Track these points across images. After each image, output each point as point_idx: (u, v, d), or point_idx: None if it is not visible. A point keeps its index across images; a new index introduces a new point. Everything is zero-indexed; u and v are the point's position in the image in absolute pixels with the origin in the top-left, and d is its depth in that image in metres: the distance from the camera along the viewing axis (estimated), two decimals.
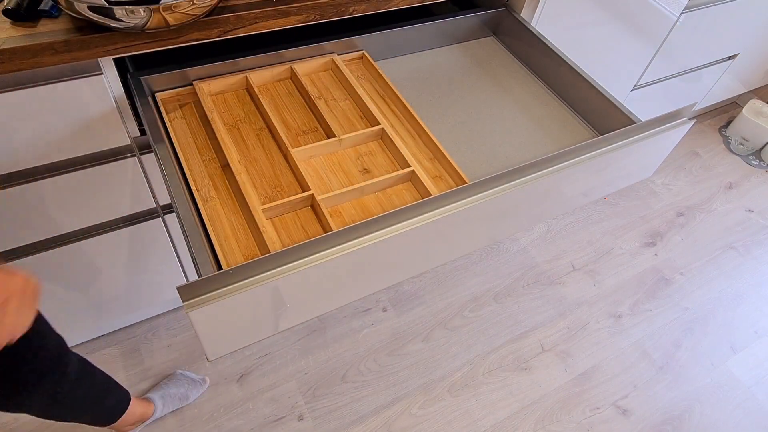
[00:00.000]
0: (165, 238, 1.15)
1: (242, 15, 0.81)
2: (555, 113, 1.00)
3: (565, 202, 0.87)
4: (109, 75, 0.82)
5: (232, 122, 0.90)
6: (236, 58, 0.93)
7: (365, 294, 0.74)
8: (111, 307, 1.25)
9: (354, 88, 0.94)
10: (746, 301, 1.69)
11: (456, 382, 1.41)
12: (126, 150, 0.93)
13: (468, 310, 1.55)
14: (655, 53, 1.54)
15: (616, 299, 1.64)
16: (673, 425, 1.40)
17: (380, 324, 1.49)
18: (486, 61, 1.10)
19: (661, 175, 2.04)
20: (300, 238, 0.74)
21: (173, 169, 0.76)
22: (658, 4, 1.37)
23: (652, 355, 1.52)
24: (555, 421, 1.37)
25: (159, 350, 1.37)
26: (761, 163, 2.16)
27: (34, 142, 0.83)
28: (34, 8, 0.72)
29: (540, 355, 1.48)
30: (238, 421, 1.28)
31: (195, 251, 0.67)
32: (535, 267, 1.69)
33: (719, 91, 2.06)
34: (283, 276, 0.61)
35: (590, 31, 1.32)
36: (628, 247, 1.79)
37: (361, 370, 1.40)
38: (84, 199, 0.96)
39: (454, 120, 0.96)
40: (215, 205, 0.76)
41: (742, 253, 1.82)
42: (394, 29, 1.04)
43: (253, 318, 0.64)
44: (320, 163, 0.85)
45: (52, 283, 1.08)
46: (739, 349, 1.57)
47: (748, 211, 1.97)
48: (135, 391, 1.29)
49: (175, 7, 0.70)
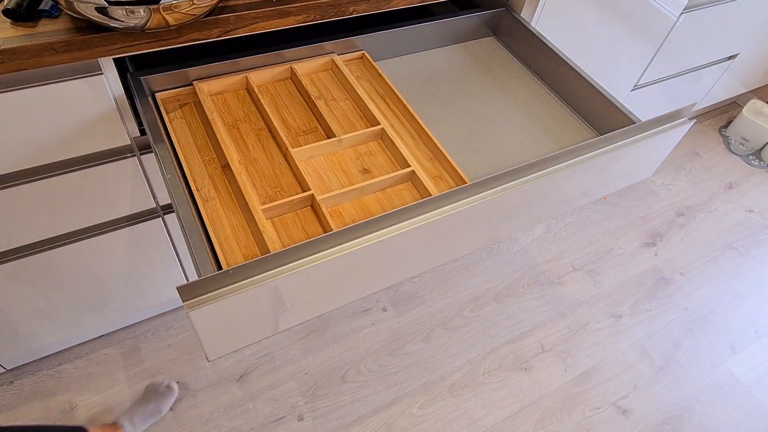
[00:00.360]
0: (165, 238, 1.15)
1: (242, 15, 0.81)
2: (555, 113, 1.00)
3: (565, 202, 0.87)
4: (109, 75, 0.82)
5: (232, 122, 0.90)
6: (236, 58, 0.93)
7: (365, 294, 0.74)
8: (111, 307, 1.25)
9: (354, 88, 0.94)
10: (746, 301, 1.69)
11: (456, 382, 1.41)
12: (126, 150, 0.93)
13: (468, 310, 1.55)
14: (655, 53, 1.54)
15: (616, 299, 1.64)
16: (673, 425, 1.40)
17: (380, 324, 1.49)
18: (486, 61, 1.10)
19: (661, 175, 2.04)
20: (300, 238, 0.74)
21: (173, 169, 0.76)
22: (658, 4, 1.37)
23: (652, 355, 1.52)
24: (555, 421, 1.37)
25: (159, 350, 1.37)
26: (761, 163, 2.16)
27: (34, 141, 0.83)
28: (34, 8, 0.72)
29: (540, 355, 1.48)
30: (238, 421, 1.28)
31: (195, 251, 0.67)
32: (535, 267, 1.69)
33: (719, 91, 2.06)
34: (283, 276, 0.61)
35: (590, 31, 1.32)
36: (628, 247, 1.79)
37: (361, 370, 1.40)
38: (84, 199, 0.96)
39: (454, 120, 0.96)
40: (215, 205, 0.76)
41: (742, 253, 1.82)
42: (394, 29, 1.04)
43: (253, 318, 0.64)
44: (320, 163, 0.85)
45: (52, 284, 1.08)
46: (739, 349, 1.57)
47: (748, 211, 1.97)
48: (134, 391, 1.29)
49: (175, 7, 0.70)
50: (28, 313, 1.12)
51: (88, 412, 1.26)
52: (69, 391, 1.28)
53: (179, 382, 1.32)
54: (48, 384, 1.29)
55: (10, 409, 1.24)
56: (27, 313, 1.12)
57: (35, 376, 1.30)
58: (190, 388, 1.32)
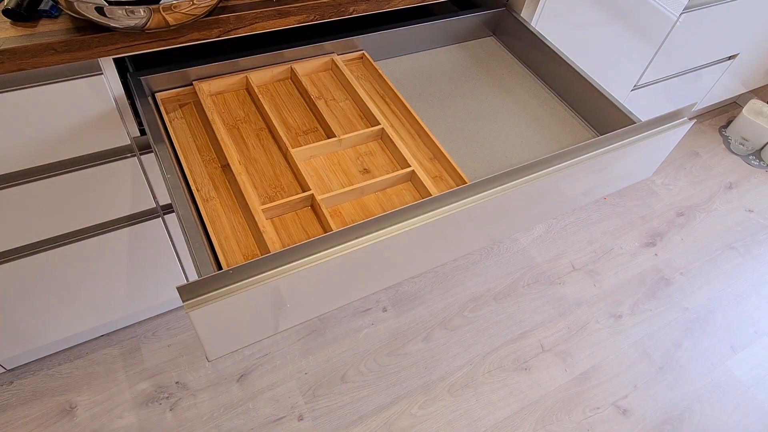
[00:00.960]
0: (165, 238, 1.15)
1: (242, 15, 0.81)
2: (555, 113, 1.00)
3: (565, 202, 0.87)
4: (109, 75, 0.82)
5: (232, 122, 0.90)
6: (236, 58, 0.93)
7: (365, 294, 0.74)
8: (111, 307, 1.25)
9: (354, 88, 0.94)
10: (746, 301, 1.69)
11: (456, 382, 1.41)
12: (126, 150, 0.93)
13: (468, 310, 1.55)
14: (655, 53, 1.54)
15: (616, 299, 1.64)
16: (673, 425, 1.40)
17: (380, 324, 1.49)
18: (486, 61, 1.10)
19: (661, 175, 2.04)
20: (300, 238, 0.74)
21: (173, 169, 0.76)
22: (658, 4, 1.37)
23: (652, 355, 1.52)
24: (555, 421, 1.37)
25: (159, 350, 1.37)
26: (761, 163, 2.16)
27: (34, 141, 0.83)
28: (34, 8, 0.72)
29: (540, 355, 1.48)
30: (238, 421, 1.28)
31: (195, 251, 0.67)
32: (535, 267, 1.69)
33: (719, 91, 2.06)
34: (283, 276, 0.61)
35: (590, 31, 1.32)
36: (628, 247, 1.79)
37: (361, 370, 1.40)
38: (84, 199, 0.96)
39: (454, 120, 0.96)
40: (215, 205, 0.76)
41: (742, 253, 1.82)
42: (394, 29, 1.04)
43: (253, 318, 0.64)
44: (320, 163, 0.85)
45: (52, 284, 1.08)
46: (739, 349, 1.57)
47: (748, 211, 1.97)
48: (134, 391, 1.29)
49: (175, 7, 0.70)
50: (28, 313, 1.12)
51: (88, 412, 1.26)
52: (69, 391, 1.28)
53: (179, 382, 1.32)
54: (48, 384, 1.29)
55: (10, 409, 1.24)
56: (27, 313, 1.12)
57: (35, 376, 1.30)
58: (190, 388, 1.32)
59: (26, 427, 1.22)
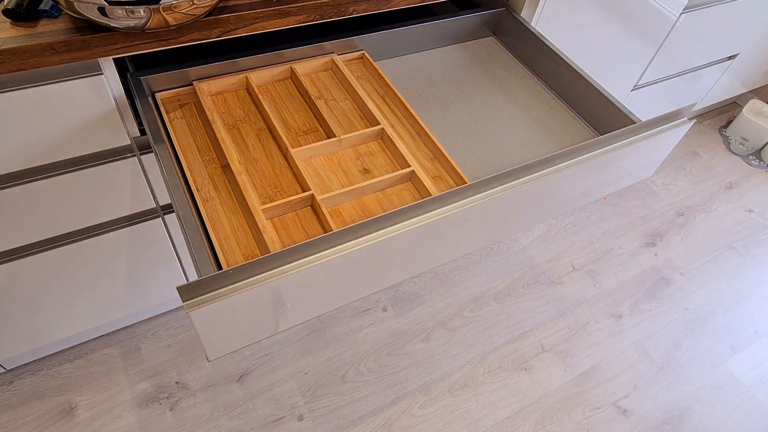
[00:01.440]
0: (165, 238, 1.15)
1: (242, 15, 0.81)
2: (555, 113, 1.00)
3: (565, 202, 0.87)
4: (109, 75, 0.82)
5: (232, 122, 0.90)
6: (236, 58, 0.93)
7: (365, 294, 0.74)
8: (111, 307, 1.25)
9: (354, 88, 0.94)
10: (746, 301, 1.69)
11: (456, 382, 1.41)
12: (126, 150, 0.93)
13: (468, 310, 1.55)
14: (655, 53, 1.54)
15: (616, 299, 1.64)
16: (673, 425, 1.40)
17: (380, 324, 1.49)
18: (486, 61, 1.10)
19: (661, 175, 2.04)
20: (300, 238, 0.74)
21: (173, 169, 0.76)
22: (658, 4, 1.37)
23: (652, 355, 1.52)
24: (555, 421, 1.37)
25: (159, 350, 1.37)
26: (761, 163, 2.16)
27: (34, 141, 0.83)
28: (34, 8, 0.72)
29: (540, 355, 1.48)
30: (238, 421, 1.28)
31: (195, 251, 0.67)
32: (535, 267, 1.69)
33: (719, 91, 2.06)
34: (283, 276, 0.61)
35: (590, 31, 1.32)
36: (628, 247, 1.79)
37: (361, 370, 1.40)
38: (84, 199, 0.96)
39: (454, 120, 0.96)
40: (215, 205, 0.76)
41: (742, 253, 1.82)
42: (394, 29, 1.04)
43: (253, 318, 0.64)
44: (320, 163, 0.85)
45: (52, 284, 1.08)
46: (739, 349, 1.57)
47: (748, 211, 1.97)
48: (134, 391, 1.29)
49: (175, 7, 0.70)
50: (28, 314, 1.12)
51: (88, 412, 1.26)
52: (69, 391, 1.28)
53: (179, 382, 1.32)
54: (48, 384, 1.29)
55: (10, 409, 1.24)
56: (27, 313, 1.12)
57: (35, 376, 1.30)
58: (190, 388, 1.32)
59: (26, 427, 1.22)
